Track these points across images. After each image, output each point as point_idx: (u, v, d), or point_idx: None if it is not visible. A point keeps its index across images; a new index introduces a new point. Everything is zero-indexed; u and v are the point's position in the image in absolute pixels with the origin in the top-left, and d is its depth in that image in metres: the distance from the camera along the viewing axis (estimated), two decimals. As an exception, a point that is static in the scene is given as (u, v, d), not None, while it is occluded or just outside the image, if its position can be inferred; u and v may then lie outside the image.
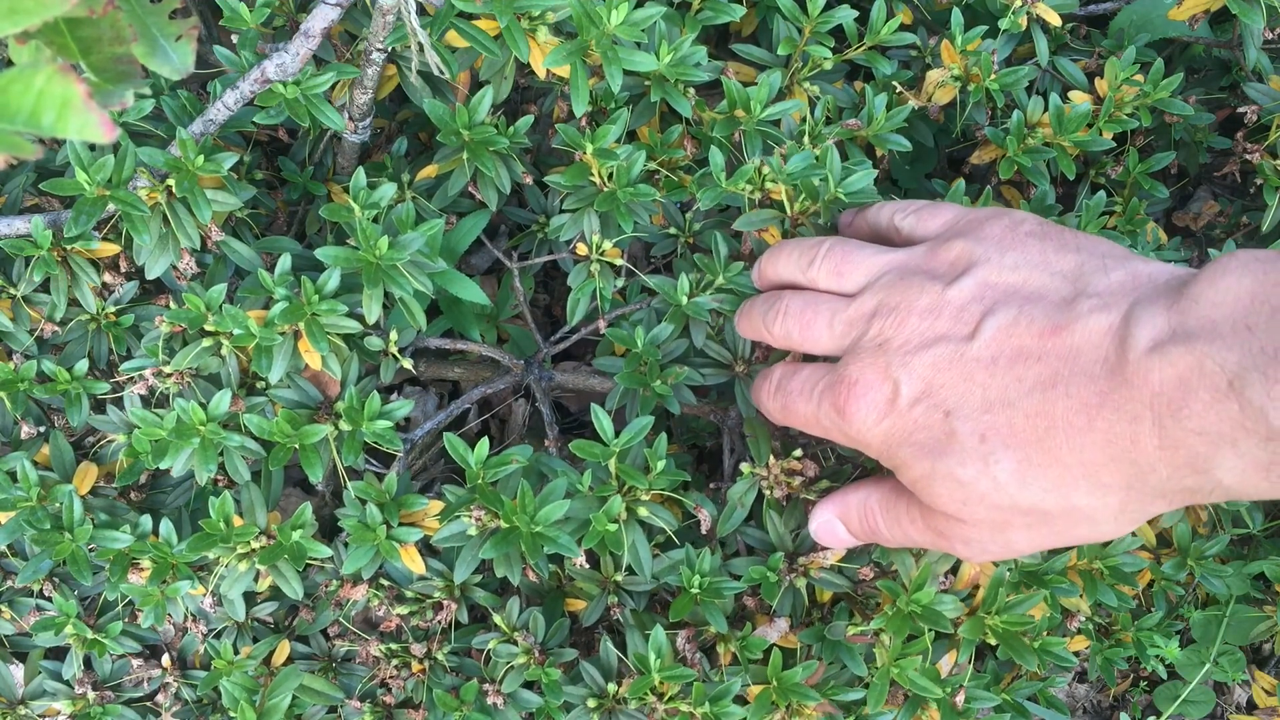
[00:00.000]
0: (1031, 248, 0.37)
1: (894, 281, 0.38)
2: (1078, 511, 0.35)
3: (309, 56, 0.47)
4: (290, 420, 0.46)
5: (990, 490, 0.35)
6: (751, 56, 0.55)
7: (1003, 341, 0.35)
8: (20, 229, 0.48)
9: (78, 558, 0.48)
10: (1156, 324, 0.32)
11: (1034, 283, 0.36)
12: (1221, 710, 0.72)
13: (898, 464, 0.38)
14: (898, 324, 0.37)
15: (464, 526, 0.45)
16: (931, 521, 0.38)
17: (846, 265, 0.41)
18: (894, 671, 0.46)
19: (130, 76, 0.33)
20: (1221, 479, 0.31)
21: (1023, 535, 0.36)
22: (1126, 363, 0.32)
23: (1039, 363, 0.34)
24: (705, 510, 0.47)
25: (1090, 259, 0.36)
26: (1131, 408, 0.32)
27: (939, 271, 0.38)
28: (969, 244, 0.38)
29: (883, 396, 0.37)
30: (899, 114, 0.53)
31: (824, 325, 0.40)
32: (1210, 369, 0.30)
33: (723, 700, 0.45)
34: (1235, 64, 0.64)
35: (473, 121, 0.49)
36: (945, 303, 0.37)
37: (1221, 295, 0.31)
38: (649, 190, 0.48)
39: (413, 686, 0.50)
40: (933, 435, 0.36)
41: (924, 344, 0.36)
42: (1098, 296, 0.34)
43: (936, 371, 0.36)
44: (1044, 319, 0.35)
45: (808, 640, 0.48)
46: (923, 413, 0.36)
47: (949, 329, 0.36)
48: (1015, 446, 0.34)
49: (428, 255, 0.47)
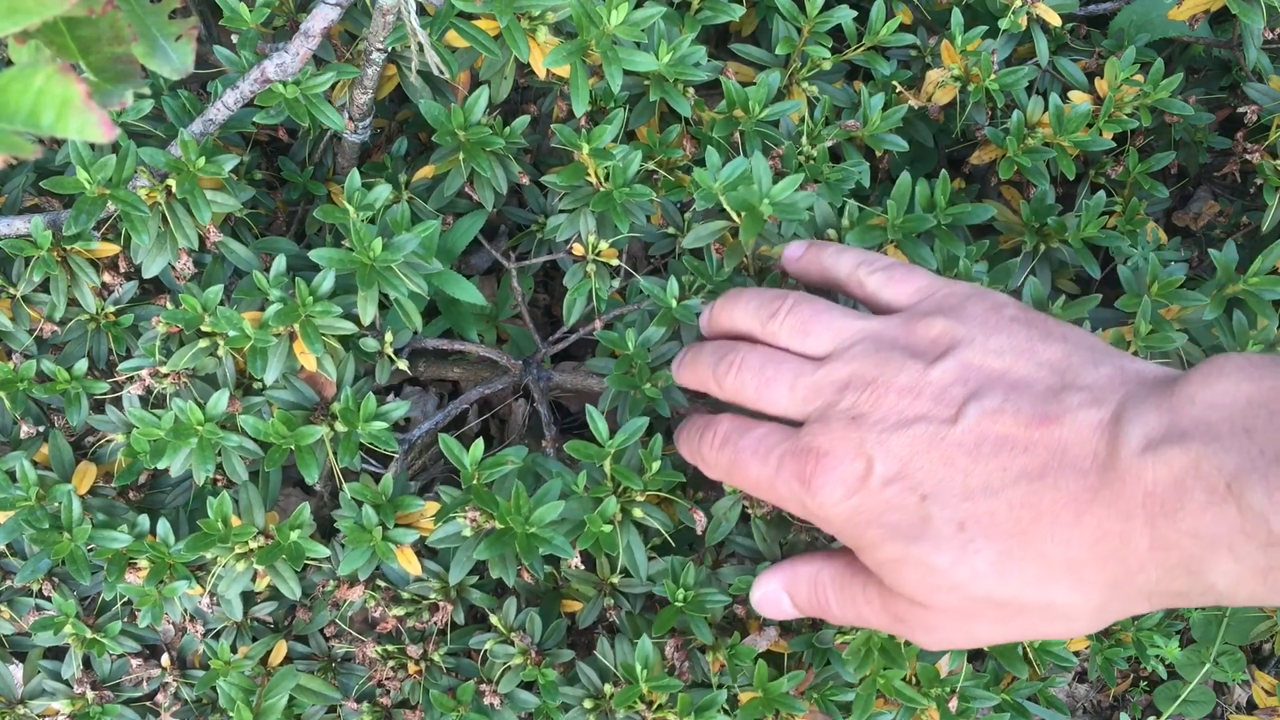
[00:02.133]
0: (1017, 333, 0.36)
1: (870, 352, 0.37)
2: (1054, 608, 0.34)
3: (309, 56, 0.47)
4: (286, 421, 0.47)
5: (966, 580, 0.34)
6: (751, 56, 0.55)
7: (987, 428, 0.34)
8: (20, 229, 0.48)
9: (76, 557, 0.48)
10: (1149, 422, 0.32)
11: (1019, 370, 0.35)
12: (1221, 710, 0.72)
13: (863, 544, 0.36)
14: (875, 399, 0.36)
15: (459, 528, 0.45)
16: (891, 605, 0.37)
17: (814, 325, 0.39)
18: (880, 682, 0.46)
19: (130, 76, 0.33)
20: (1215, 583, 0.31)
21: (990, 627, 0.35)
22: (1119, 460, 0.32)
23: (1025, 453, 0.33)
24: (700, 513, 0.47)
25: (1077, 351, 0.36)
26: (1123, 505, 0.31)
27: (919, 349, 0.37)
28: (951, 323, 0.37)
29: (854, 473, 0.35)
30: (895, 114, 0.53)
31: (785, 387, 0.38)
32: (1207, 471, 0.30)
33: (709, 710, 0.45)
34: (1235, 64, 0.64)
35: (468, 122, 0.49)
36: (927, 383, 0.36)
37: (1218, 397, 0.31)
38: (645, 190, 0.48)
39: (409, 687, 0.50)
40: (906, 518, 0.35)
41: (902, 423, 0.35)
42: (1087, 390, 0.34)
43: (915, 452, 0.35)
44: (1031, 409, 0.34)
45: (797, 648, 0.48)
46: (896, 493, 0.35)
47: (929, 410, 0.35)
48: (997, 537, 0.33)
49: (423, 256, 0.47)
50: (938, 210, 0.50)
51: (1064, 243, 0.54)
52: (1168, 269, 0.51)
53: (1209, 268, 0.63)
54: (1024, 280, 0.50)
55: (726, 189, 0.46)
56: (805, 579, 0.40)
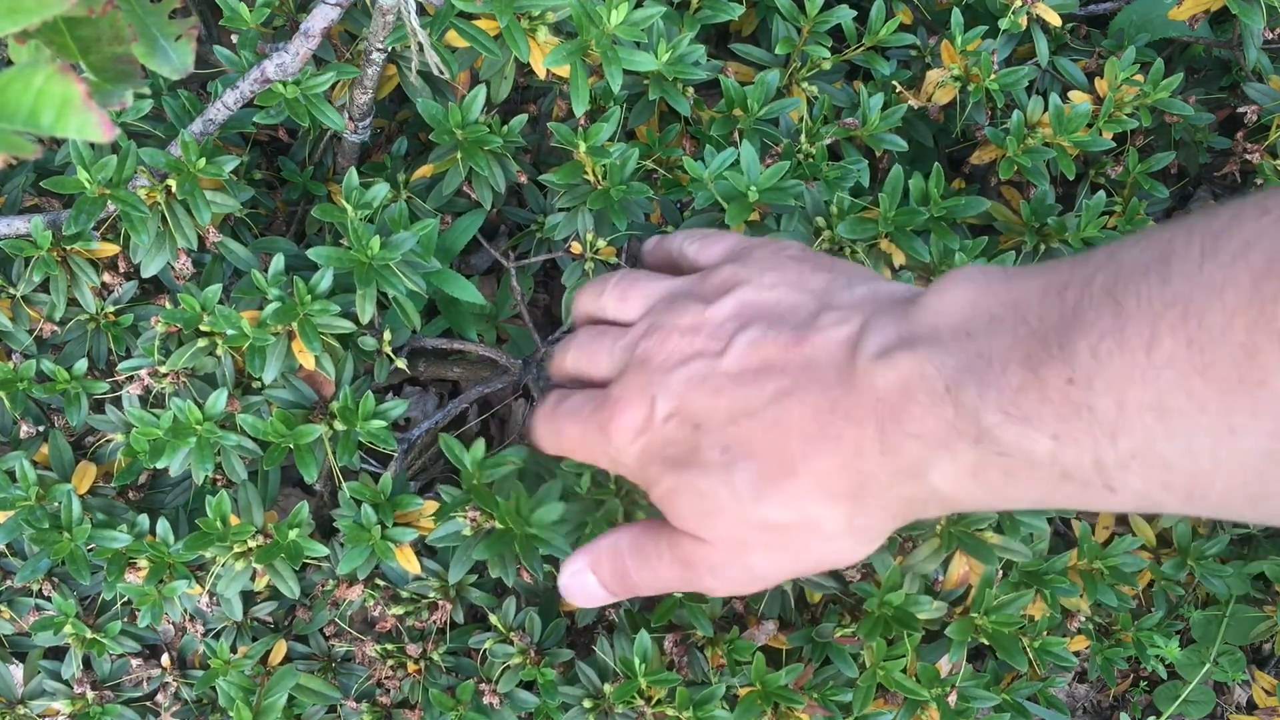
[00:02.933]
0: (789, 268, 0.38)
1: (665, 306, 0.39)
2: (810, 522, 0.34)
3: (309, 56, 0.47)
4: (285, 420, 0.47)
5: (729, 501, 0.35)
6: (750, 56, 0.55)
7: (750, 355, 0.36)
8: (20, 229, 0.48)
9: (76, 557, 0.48)
10: (886, 332, 0.33)
11: (787, 301, 0.37)
12: (1221, 710, 0.72)
13: (649, 481, 0.37)
14: (660, 343, 0.38)
15: (459, 527, 0.45)
16: (678, 550, 0.37)
17: (630, 292, 0.41)
18: (880, 674, 0.46)
19: (130, 76, 0.33)
20: (936, 484, 0.32)
21: (762, 556, 0.36)
22: (855, 369, 0.33)
23: (781, 374, 0.35)
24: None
25: (839, 277, 0.37)
26: (857, 413, 0.32)
27: (705, 294, 0.39)
28: (736, 267, 0.39)
29: (641, 414, 0.37)
30: (894, 114, 0.53)
31: (605, 353, 0.40)
32: (929, 373, 0.31)
33: (708, 704, 0.45)
34: (1235, 64, 0.64)
35: (466, 121, 0.49)
36: (705, 321, 0.37)
37: (946, 305, 0.32)
38: (642, 188, 0.48)
39: (409, 686, 0.50)
40: (681, 449, 0.36)
41: (681, 360, 0.37)
42: (839, 310, 0.35)
43: (690, 387, 0.36)
44: (790, 332, 0.35)
45: (797, 642, 0.48)
46: (674, 428, 0.36)
47: (704, 346, 0.37)
48: (754, 456, 0.34)
49: (421, 255, 0.47)
50: (932, 203, 0.50)
51: (1064, 243, 0.54)
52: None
53: (1209, 267, 0.63)
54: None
55: (715, 178, 0.46)
56: (606, 550, 0.40)
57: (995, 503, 0.32)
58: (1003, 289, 0.31)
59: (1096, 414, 0.27)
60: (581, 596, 0.41)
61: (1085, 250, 0.31)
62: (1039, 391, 0.28)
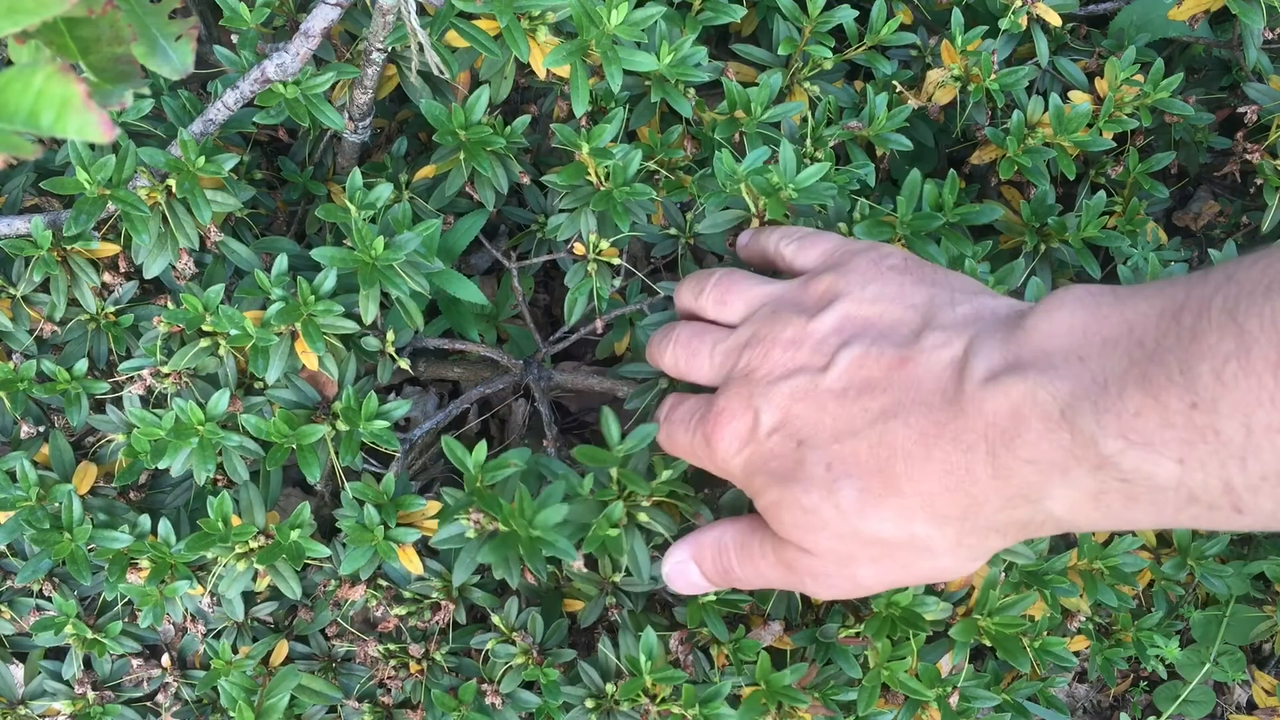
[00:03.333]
0: (891, 281, 0.38)
1: (767, 315, 0.40)
2: (917, 542, 0.35)
3: (309, 56, 0.47)
4: (288, 420, 0.47)
5: (833, 518, 0.35)
6: (752, 56, 0.55)
7: (854, 373, 0.36)
8: (20, 229, 0.48)
9: (77, 557, 0.48)
10: (993, 356, 0.33)
11: (890, 316, 0.37)
12: (1221, 710, 0.72)
13: (754, 491, 0.38)
14: (763, 355, 0.38)
15: (462, 529, 0.45)
16: (782, 554, 0.38)
17: (730, 295, 0.42)
18: (885, 674, 0.46)
19: (129, 76, 0.33)
20: (1052, 510, 0.32)
21: (868, 569, 0.37)
22: (963, 393, 0.33)
23: (884, 394, 0.35)
24: (704, 515, 0.47)
25: (941, 292, 0.37)
26: (967, 438, 0.32)
27: (807, 305, 0.39)
28: (836, 277, 0.39)
29: (745, 426, 0.38)
30: (900, 113, 0.53)
31: (705, 356, 0.41)
32: (1042, 399, 0.31)
33: (714, 702, 0.45)
34: (1235, 64, 0.64)
35: (469, 121, 0.49)
36: (807, 335, 0.38)
37: (1055, 327, 0.32)
38: (645, 189, 0.48)
39: (411, 687, 0.50)
40: (785, 464, 0.37)
41: (784, 375, 0.37)
42: (943, 329, 0.35)
43: (793, 402, 0.37)
44: (893, 351, 0.35)
45: (801, 642, 0.48)
46: (778, 441, 0.37)
47: (807, 360, 0.37)
48: (858, 475, 0.35)
49: (424, 255, 0.47)
50: (946, 210, 0.50)
51: (1064, 243, 0.54)
52: (1168, 269, 0.51)
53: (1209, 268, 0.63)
54: (1025, 280, 0.50)
55: (750, 175, 0.47)
56: (709, 545, 0.41)
57: (1113, 525, 0.32)
58: (1114, 312, 0.31)
59: (1223, 438, 0.27)
60: (684, 585, 0.42)
61: (1199, 271, 0.31)
62: (1160, 416, 0.28)
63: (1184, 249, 0.60)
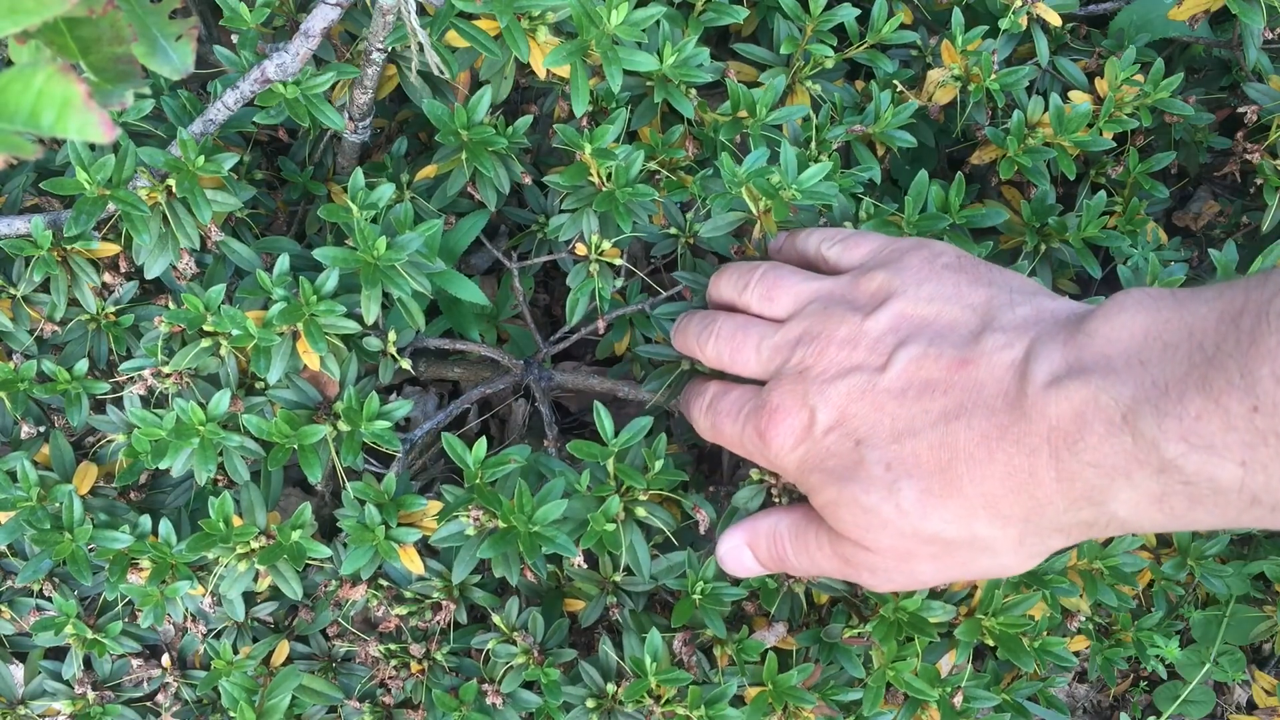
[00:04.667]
0: (947, 280, 0.38)
1: (818, 311, 0.40)
2: (979, 542, 0.35)
3: (309, 56, 0.47)
4: (289, 421, 0.46)
5: (894, 517, 0.36)
6: (753, 56, 0.55)
7: (913, 373, 0.36)
8: (20, 229, 0.48)
9: (77, 558, 0.48)
10: (1054, 359, 0.33)
11: (947, 316, 0.37)
12: (1221, 710, 0.72)
13: (809, 488, 0.39)
14: (818, 353, 0.38)
15: (462, 527, 0.45)
16: (839, 548, 0.39)
17: (776, 290, 0.42)
18: (890, 674, 0.46)
19: (130, 76, 0.33)
20: (1116, 511, 0.32)
21: (927, 565, 0.37)
22: (1025, 396, 0.33)
23: (945, 395, 0.35)
24: (704, 511, 0.47)
25: (1000, 293, 0.37)
26: (1030, 441, 0.33)
27: (860, 302, 0.39)
28: (889, 275, 0.39)
29: (800, 423, 0.38)
30: (905, 109, 0.53)
31: (752, 350, 0.41)
32: (1105, 403, 0.31)
33: (719, 703, 0.45)
34: (1235, 64, 0.64)
35: (471, 121, 0.49)
36: (863, 333, 0.38)
37: (1116, 331, 0.32)
38: (647, 190, 0.48)
39: (412, 687, 0.50)
40: (843, 462, 0.37)
41: (840, 373, 0.37)
42: (1003, 331, 0.35)
43: (850, 401, 0.37)
44: (952, 352, 0.36)
45: (805, 643, 0.48)
46: (835, 440, 0.37)
47: (864, 359, 0.37)
48: (919, 476, 0.35)
49: (426, 255, 0.47)
50: (952, 211, 0.50)
51: (1064, 243, 0.54)
52: (1168, 269, 0.51)
53: (1209, 268, 0.63)
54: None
55: (752, 177, 0.47)
56: (764, 532, 0.42)
57: (1176, 526, 0.32)
58: (1174, 315, 0.31)
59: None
60: (737, 568, 0.43)
61: (1258, 274, 0.31)
62: (1222, 419, 0.29)
63: (1184, 249, 0.60)
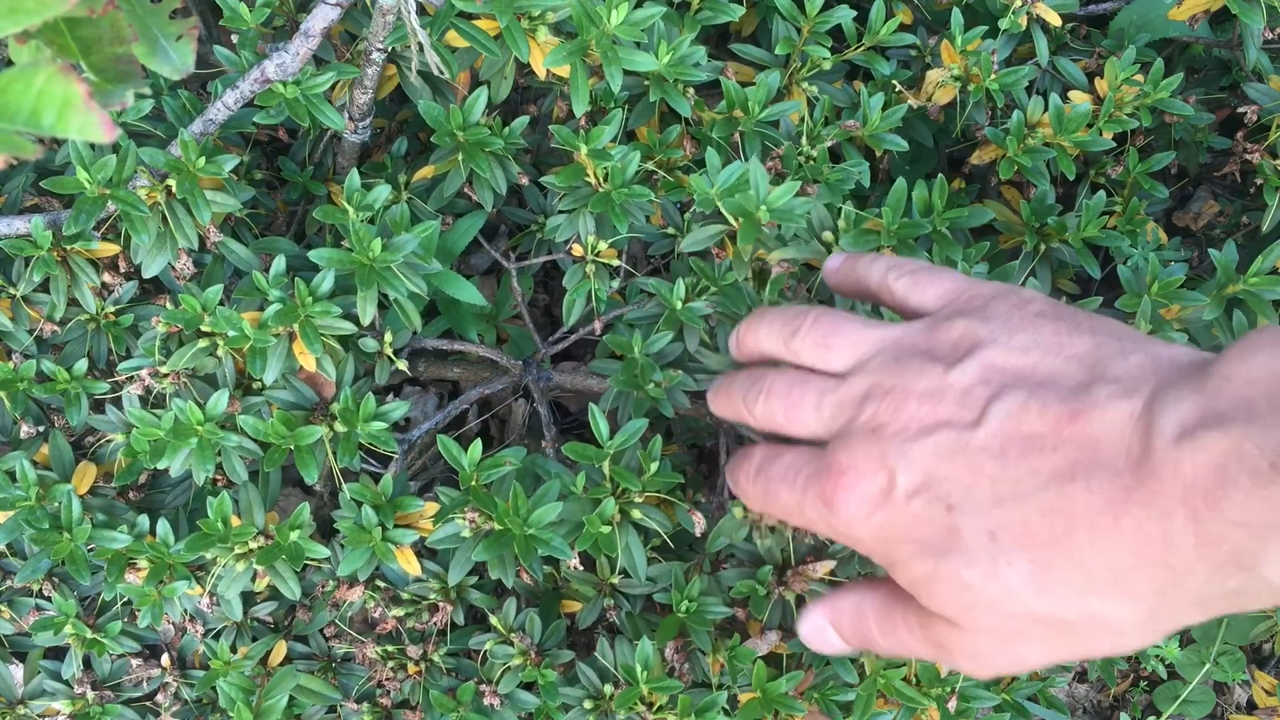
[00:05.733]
0: (1043, 329, 0.34)
1: (889, 363, 0.35)
2: (1101, 621, 0.31)
3: (309, 56, 0.47)
4: (286, 421, 0.47)
5: (1001, 596, 0.31)
6: (750, 56, 0.55)
7: (1013, 429, 0.32)
8: (20, 229, 0.48)
9: (77, 557, 0.48)
10: (1184, 409, 0.29)
11: (1046, 366, 0.33)
12: (1221, 710, 0.72)
13: (893, 562, 0.34)
14: (894, 408, 0.34)
15: (458, 528, 0.45)
16: (931, 631, 0.34)
17: (834, 339, 0.37)
18: (880, 682, 0.46)
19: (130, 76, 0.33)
20: (1270, 575, 0.28)
21: (1036, 648, 0.32)
22: (1153, 452, 0.29)
23: (1055, 453, 0.31)
24: (699, 514, 0.47)
25: (1107, 341, 0.33)
26: (1162, 503, 0.29)
27: (939, 352, 0.34)
28: (973, 323, 0.35)
29: (876, 487, 0.33)
30: (895, 114, 0.53)
31: (811, 407, 0.36)
32: (1249, 452, 0.27)
33: (710, 711, 0.45)
34: (1235, 64, 0.64)
35: (467, 122, 0.49)
36: (948, 386, 0.33)
37: (1255, 372, 0.29)
38: (644, 191, 0.48)
39: (409, 688, 0.50)
40: (934, 532, 0.32)
41: (924, 430, 0.33)
42: (1117, 382, 0.31)
43: (939, 461, 0.32)
44: (1059, 404, 0.31)
45: (797, 648, 0.48)
46: (922, 506, 0.32)
47: (952, 415, 0.33)
48: (1030, 547, 0.31)
49: (422, 256, 0.47)
50: (935, 214, 0.49)
51: (1064, 243, 0.54)
52: (1168, 269, 0.51)
53: (1209, 268, 0.63)
54: (1024, 280, 0.50)
55: (723, 195, 0.46)
56: (848, 610, 0.38)
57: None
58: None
59: None
60: (823, 647, 0.39)
61: None
62: None
63: (1184, 249, 0.60)
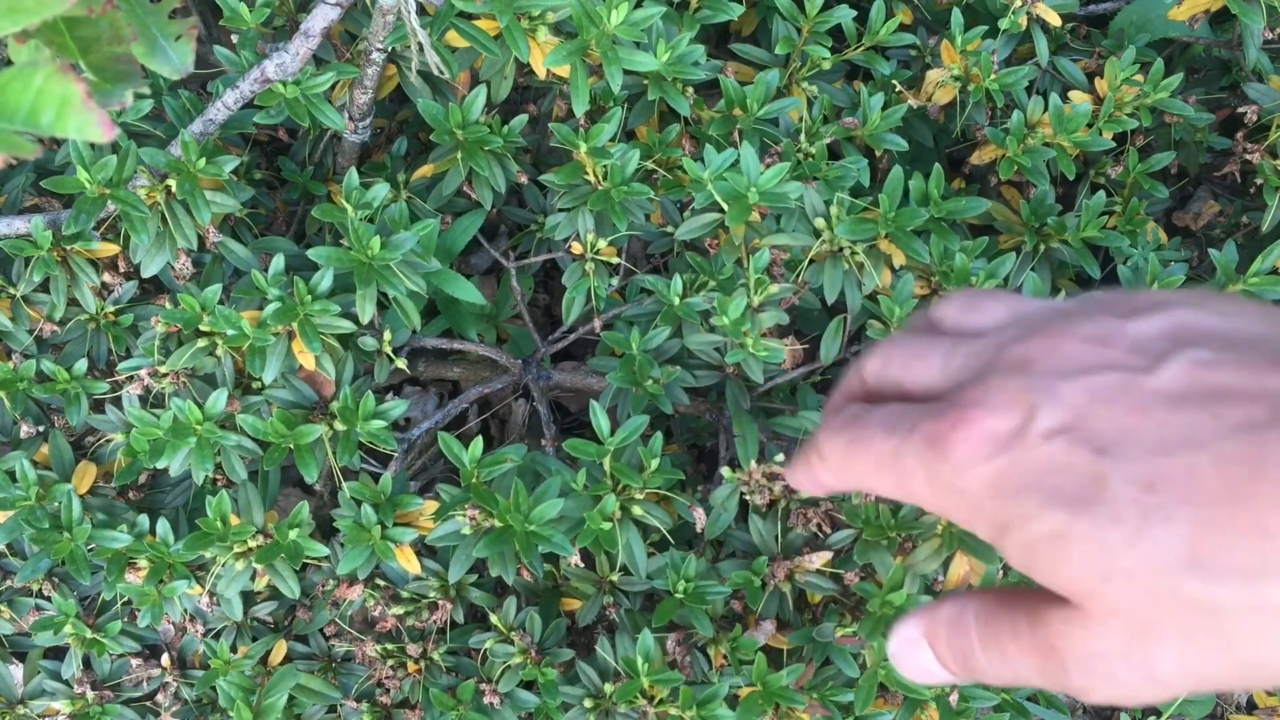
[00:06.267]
0: (1245, 301, 0.29)
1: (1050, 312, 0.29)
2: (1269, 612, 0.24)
3: (309, 56, 0.47)
4: (285, 420, 0.47)
5: (1145, 565, 0.24)
6: (750, 56, 0.55)
7: (1195, 377, 0.26)
8: (20, 229, 0.48)
9: (76, 557, 0.48)
10: None
11: (1247, 330, 0.27)
12: (1221, 710, 0.72)
13: (1008, 522, 0.26)
14: (1048, 346, 0.28)
15: (458, 526, 0.45)
16: (1042, 632, 0.27)
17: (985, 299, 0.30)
18: (881, 674, 0.46)
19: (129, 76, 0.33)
20: None
21: (1173, 652, 0.25)
22: None
23: (1252, 404, 0.25)
24: (699, 510, 0.47)
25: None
26: None
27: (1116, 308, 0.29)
28: (1166, 294, 0.29)
29: (1008, 424, 0.26)
30: (894, 113, 0.53)
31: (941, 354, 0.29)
32: None
33: (711, 703, 0.45)
34: (1235, 64, 0.64)
35: (466, 121, 0.49)
36: (1122, 333, 0.27)
37: None
38: (643, 189, 0.48)
39: (409, 686, 0.50)
40: (1074, 479, 0.25)
41: (1083, 369, 0.27)
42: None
43: (1094, 400, 0.26)
44: (1260, 359, 0.26)
45: (798, 642, 0.48)
46: (1062, 448, 0.26)
47: (1119, 359, 0.27)
48: (1196, 503, 0.24)
49: (421, 255, 0.47)
50: (932, 204, 0.49)
51: (1064, 242, 0.54)
52: (1168, 269, 0.51)
53: (1209, 268, 0.63)
54: (1024, 280, 0.50)
55: (715, 179, 0.46)
56: (946, 620, 0.30)
57: None
58: None
59: None
60: (914, 670, 0.31)
61: None
62: None
63: (1184, 249, 0.60)
